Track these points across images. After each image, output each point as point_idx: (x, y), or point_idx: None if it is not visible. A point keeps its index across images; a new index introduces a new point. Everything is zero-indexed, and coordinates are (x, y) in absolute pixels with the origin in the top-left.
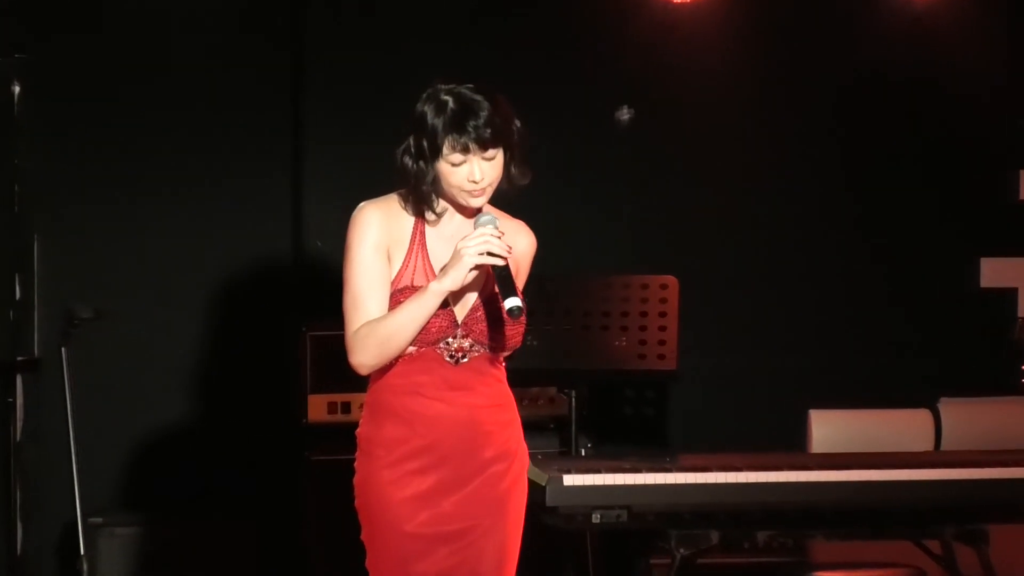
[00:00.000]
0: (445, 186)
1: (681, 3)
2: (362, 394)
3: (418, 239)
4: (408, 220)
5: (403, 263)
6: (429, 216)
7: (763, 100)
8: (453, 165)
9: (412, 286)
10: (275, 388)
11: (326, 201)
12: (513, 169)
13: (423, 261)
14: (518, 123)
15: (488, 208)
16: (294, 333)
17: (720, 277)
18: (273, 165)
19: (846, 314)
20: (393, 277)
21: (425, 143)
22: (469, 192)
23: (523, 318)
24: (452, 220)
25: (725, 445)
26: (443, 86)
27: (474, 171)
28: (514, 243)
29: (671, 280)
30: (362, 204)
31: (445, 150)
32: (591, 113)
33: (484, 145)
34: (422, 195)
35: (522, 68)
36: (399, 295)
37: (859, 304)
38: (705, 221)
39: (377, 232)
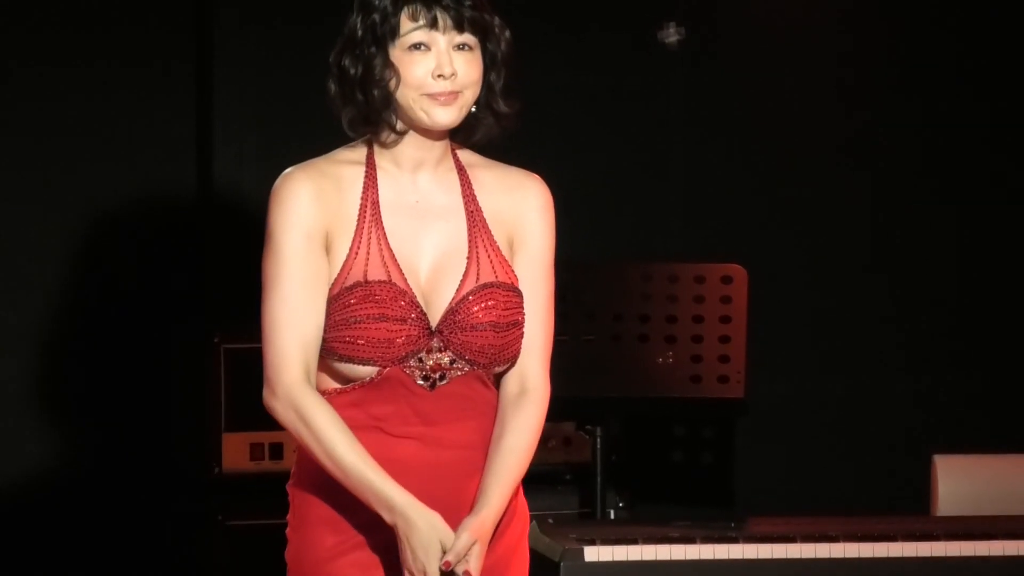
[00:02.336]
0: (400, 93)
1: None
2: None
3: (370, 213)
4: (354, 188)
5: (351, 250)
6: (387, 137)
7: (876, 21)
8: (413, 49)
9: (366, 283)
10: (175, 424)
11: (244, 143)
12: (492, 79)
13: (379, 245)
14: (502, 23)
15: (476, 159)
16: (202, 345)
17: (805, 267)
18: (172, 99)
19: (984, 319)
20: (338, 270)
21: (376, 19)
22: (433, 96)
23: (519, 317)
24: (415, 182)
25: (813, 505)
26: None
27: (443, 60)
28: (510, 203)
29: (737, 271)
30: (288, 171)
31: (404, 25)
32: (624, 33)
33: (460, 21)
34: (371, 102)
35: None
36: (347, 296)
37: (1003, 306)
38: (785, 190)
39: (311, 211)
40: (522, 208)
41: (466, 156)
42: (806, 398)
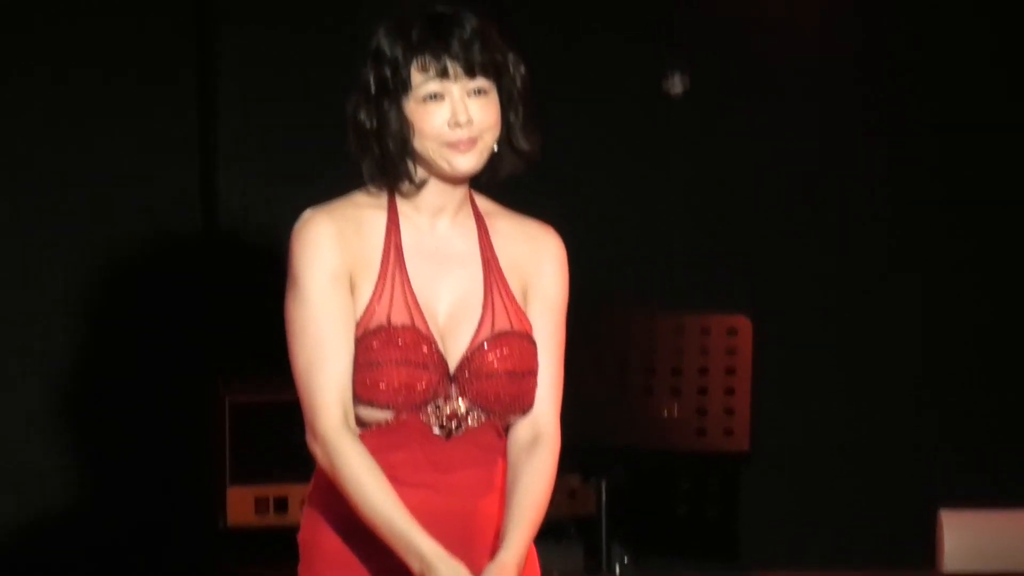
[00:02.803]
0: (418, 144)
1: None
2: (306, 485)
3: (393, 256)
4: (376, 231)
5: (374, 292)
6: (406, 188)
7: (882, 69)
8: (427, 100)
9: (389, 326)
10: (179, 477)
11: (250, 182)
12: (511, 118)
13: (402, 288)
14: (516, 59)
15: (493, 208)
16: (207, 397)
17: (811, 319)
18: (173, 136)
19: (993, 374)
20: (361, 312)
21: (387, 73)
22: (452, 145)
23: (534, 366)
24: (435, 228)
25: (819, 558)
26: (405, 13)
27: (457, 108)
28: (526, 253)
29: (743, 322)
30: (308, 213)
31: (415, 77)
32: (627, 80)
33: (471, 68)
34: (388, 154)
35: (523, 14)
36: (370, 339)
37: (1013, 360)
38: (791, 240)
39: (334, 253)
40: (537, 258)
41: (484, 204)
42: (812, 451)
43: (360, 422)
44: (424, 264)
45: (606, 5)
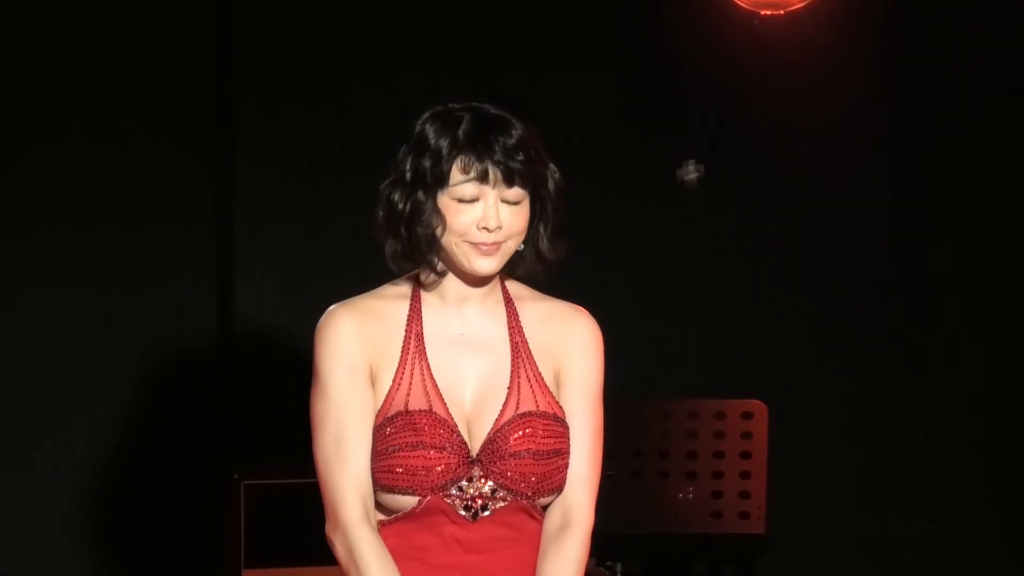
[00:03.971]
0: (444, 237)
1: (773, 15)
2: (321, 568)
3: (414, 345)
4: (398, 322)
5: (394, 381)
6: (426, 277)
7: (899, 157)
8: (461, 201)
9: (406, 412)
10: (195, 562)
11: (266, 278)
12: (541, 231)
13: (423, 376)
14: (554, 169)
15: (524, 292)
16: (221, 481)
17: (826, 403)
18: (192, 237)
19: (1001, 450)
20: (381, 401)
21: (427, 164)
22: (476, 245)
23: (562, 446)
24: (461, 314)
25: None
26: (454, 105)
27: (489, 214)
28: (558, 336)
29: (758, 406)
30: (331, 308)
31: (454, 175)
32: (641, 172)
33: (509, 177)
34: (415, 241)
35: (540, 107)
36: (388, 425)
37: None
38: (807, 324)
39: (354, 348)
40: (568, 341)
41: (515, 288)
42: (827, 534)
43: (387, 510)
44: (448, 350)
45: (620, 96)
